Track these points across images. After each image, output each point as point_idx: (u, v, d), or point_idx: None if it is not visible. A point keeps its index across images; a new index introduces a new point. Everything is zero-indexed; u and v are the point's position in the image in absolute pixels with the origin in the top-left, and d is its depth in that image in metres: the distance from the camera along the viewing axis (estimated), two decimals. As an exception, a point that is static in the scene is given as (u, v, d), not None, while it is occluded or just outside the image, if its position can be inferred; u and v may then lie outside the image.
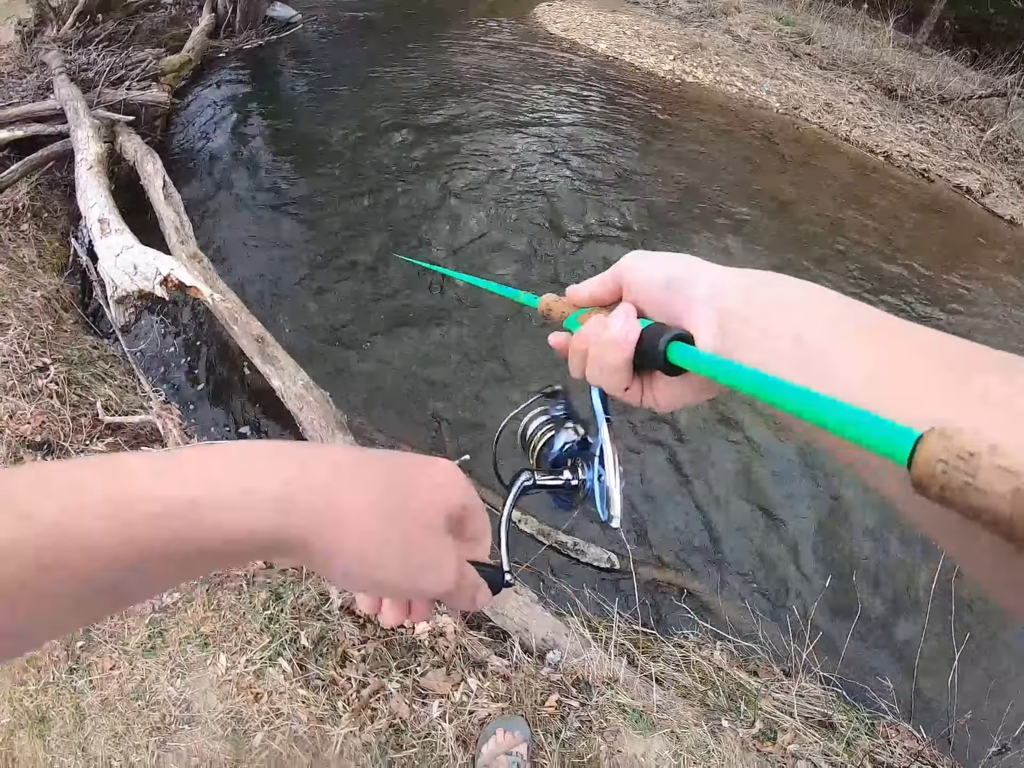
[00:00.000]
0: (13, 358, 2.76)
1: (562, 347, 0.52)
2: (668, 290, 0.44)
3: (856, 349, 0.33)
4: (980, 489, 0.21)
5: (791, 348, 0.35)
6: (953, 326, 4.67)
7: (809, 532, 3.06)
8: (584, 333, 0.48)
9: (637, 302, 0.46)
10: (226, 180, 4.82)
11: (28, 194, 4.01)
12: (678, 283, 0.43)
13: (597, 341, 0.46)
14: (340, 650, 1.98)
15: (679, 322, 0.43)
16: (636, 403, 0.48)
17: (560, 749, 1.88)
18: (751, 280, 0.41)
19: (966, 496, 0.21)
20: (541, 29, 8.76)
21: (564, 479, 0.62)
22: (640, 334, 0.43)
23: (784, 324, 0.37)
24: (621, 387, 0.46)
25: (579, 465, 0.62)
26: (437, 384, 3.41)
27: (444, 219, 4.61)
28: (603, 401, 0.56)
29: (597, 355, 0.46)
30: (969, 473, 0.21)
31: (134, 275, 2.80)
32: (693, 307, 0.42)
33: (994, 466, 0.20)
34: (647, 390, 0.47)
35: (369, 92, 6.20)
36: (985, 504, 0.21)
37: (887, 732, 2.26)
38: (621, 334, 0.43)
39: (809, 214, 5.65)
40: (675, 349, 0.40)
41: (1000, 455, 0.21)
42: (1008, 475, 0.20)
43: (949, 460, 0.22)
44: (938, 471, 0.22)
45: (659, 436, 3.31)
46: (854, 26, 10.80)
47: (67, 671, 1.94)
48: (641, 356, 0.43)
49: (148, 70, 5.34)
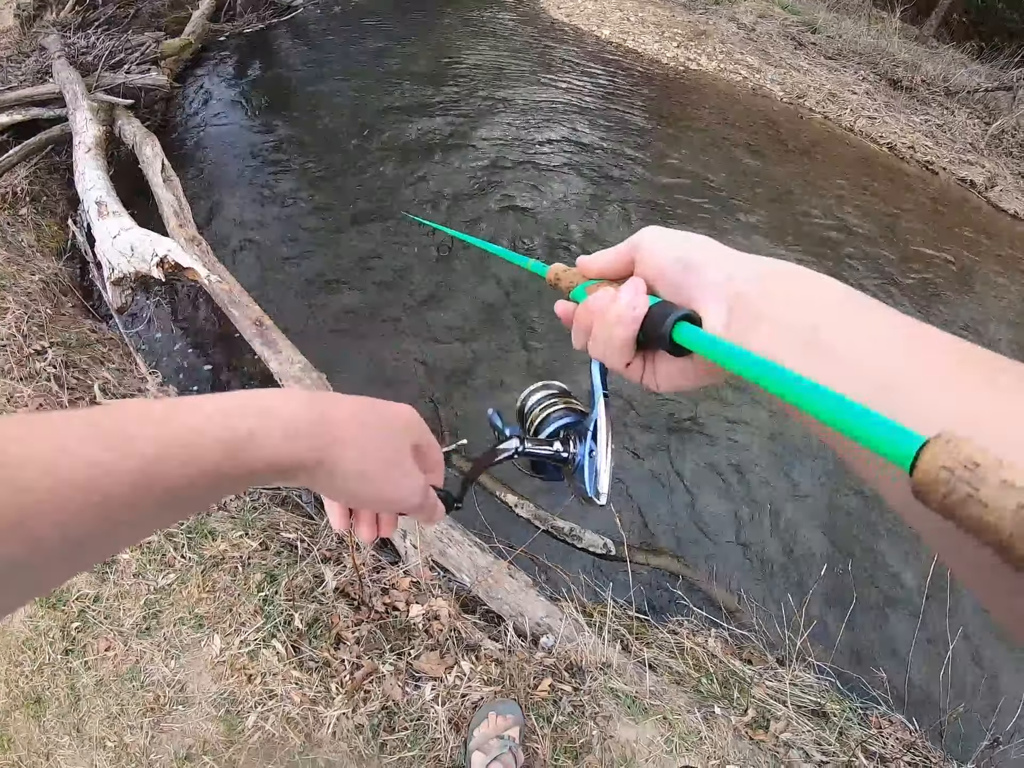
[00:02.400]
0: (11, 341, 2.75)
1: (567, 317, 0.51)
2: (681, 269, 0.43)
3: (871, 342, 0.33)
4: (982, 502, 0.20)
5: (803, 338, 0.35)
6: (953, 320, 4.66)
7: (806, 521, 3.06)
8: (591, 305, 0.47)
9: (648, 278, 0.45)
10: (226, 164, 4.80)
11: (27, 178, 3.99)
12: (692, 263, 0.42)
13: (603, 314, 0.45)
14: (334, 632, 1.98)
15: (689, 303, 0.42)
16: (636, 381, 0.47)
17: (552, 733, 1.88)
18: (766, 267, 0.40)
19: (967, 508, 0.20)
20: (544, 14, 8.69)
21: (554, 450, 0.62)
22: (647, 311, 0.42)
23: (797, 314, 0.36)
24: (623, 363, 0.46)
25: (571, 439, 0.62)
26: (435, 366, 3.41)
27: (443, 202, 4.60)
28: (602, 376, 0.56)
29: (601, 328, 0.45)
30: (973, 484, 0.20)
31: (131, 257, 2.79)
32: (704, 289, 0.41)
33: (1000, 479, 0.20)
34: (648, 369, 0.46)
35: (370, 75, 6.16)
36: (985, 518, 0.20)
37: (880, 723, 2.26)
38: (628, 309, 0.43)
39: (811, 203, 5.62)
40: (681, 330, 0.40)
41: (1007, 468, 0.20)
42: (1013, 490, 0.19)
43: (954, 468, 0.21)
44: (941, 479, 0.21)
45: (657, 421, 3.31)
46: (860, 16, 10.73)
47: (62, 652, 1.94)
48: (646, 333, 0.42)
49: (148, 53, 5.29)
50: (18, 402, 2.51)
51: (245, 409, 0.38)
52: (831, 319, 0.35)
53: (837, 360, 0.33)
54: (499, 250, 0.70)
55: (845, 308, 0.36)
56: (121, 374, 2.95)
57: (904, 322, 0.33)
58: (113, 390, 2.76)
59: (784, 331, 0.36)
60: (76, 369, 2.82)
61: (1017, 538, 0.19)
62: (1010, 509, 0.19)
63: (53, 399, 2.57)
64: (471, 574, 2.25)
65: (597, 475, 0.56)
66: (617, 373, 0.49)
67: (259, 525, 2.29)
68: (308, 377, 2.77)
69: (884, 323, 0.34)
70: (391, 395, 2.48)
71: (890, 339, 0.32)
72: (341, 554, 2.25)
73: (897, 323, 0.33)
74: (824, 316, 0.35)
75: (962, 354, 0.30)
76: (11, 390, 2.54)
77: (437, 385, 3.32)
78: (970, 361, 0.29)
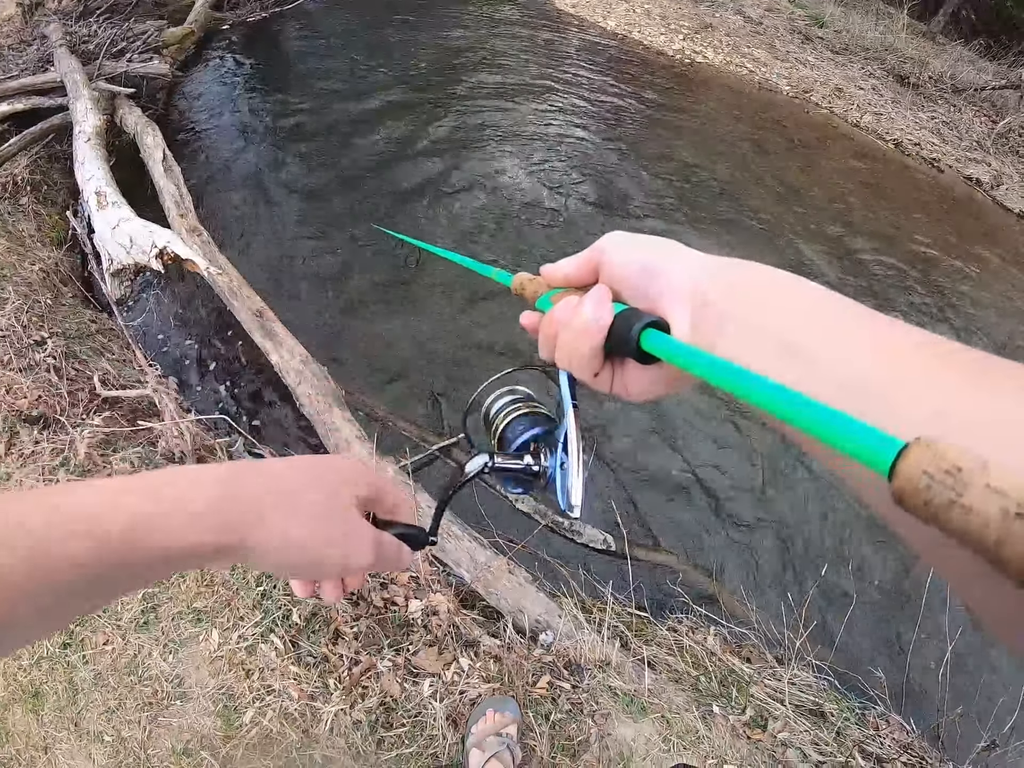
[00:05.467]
0: (11, 332, 2.74)
1: (533, 328, 0.50)
2: (645, 275, 0.42)
3: (844, 343, 0.32)
4: (966, 507, 0.19)
5: (773, 340, 0.34)
6: (956, 320, 4.63)
7: (807, 520, 3.05)
8: (555, 315, 0.46)
9: (613, 284, 0.44)
10: (228, 153, 4.78)
11: (28, 167, 3.97)
12: (655, 268, 0.41)
13: (567, 325, 0.44)
14: (332, 627, 1.97)
15: (655, 308, 0.41)
16: (606, 391, 0.46)
17: (550, 731, 1.88)
18: (731, 268, 0.39)
19: (950, 514, 0.19)
20: (549, 4, 8.64)
21: (524, 464, 0.60)
22: (613, 319, 0.41)
23: (765, 316, 0.35)
24: (591, 373, 0.44)
25: (542, 451, 0.61)
26: (437, 361, 3.40)
27: (444, 195, 4.57)
28: (571, 386, 0.54)
29: (567, 339, 0.44)
30: (955, 489, 0.19)
31: (130, 248, 2.77)
32: (669, 293, 0.40)
33: (983, 484, 0.19)
34: (618, 377, 0.45)
35: (373, 66, 6.12)
36: (970, 525, 0.19)
37: (877, 723, 2.26)
38: (592, 319, 0.41)
39: (816, 199, 5.59)
40: (648, 337, 0.39)
41: (992, 472, 0.19)
42: (997, 495, 0.18)
43: (935, 473, 0.20)
44: (922, 485, 0.20)
45: (653, 418, 3.30)
46: (868, 11, 10.65)
47: (61, 646, 1.94)
48: (613, 342, 0.41)
49: (150, 42, 5.26)
50: (17, 393, 2.50)
51: (144, 492, 0.37)
52: (802, 320, 0.34)
53: (810, 361, 0.32)
54: (464, 260, 0.69)
55: (818, 309, 0.35)
56: (121, 365, 2.94)
57: (881, 322, 0.32)
58: (113, 381, 2.75)
59: (752, 333, 0.35)
60: (76, 360, 2.81)
61: (1003, 543, 0.18)
62: (995, 514, 0.18)
63: (52, 391, 2.56)
64: (470, 569, 2.24)
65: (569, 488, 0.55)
66: (585, 384, 0.47)
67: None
68: (309, 369, 2.75)
69: (857, 323, 0.33)
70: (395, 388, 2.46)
71: (864, 339, 0.31)
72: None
73: (872, 324, 0.32)
74: (795, 318, 0.34)
75: (943, 354, 0.28)
76: (10, 381, 2.52)
77: (438, 378, 3.30)
78: (953, 361, 0.28)
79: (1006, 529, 0.18)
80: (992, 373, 0.26)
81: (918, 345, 0.30)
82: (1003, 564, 0.18)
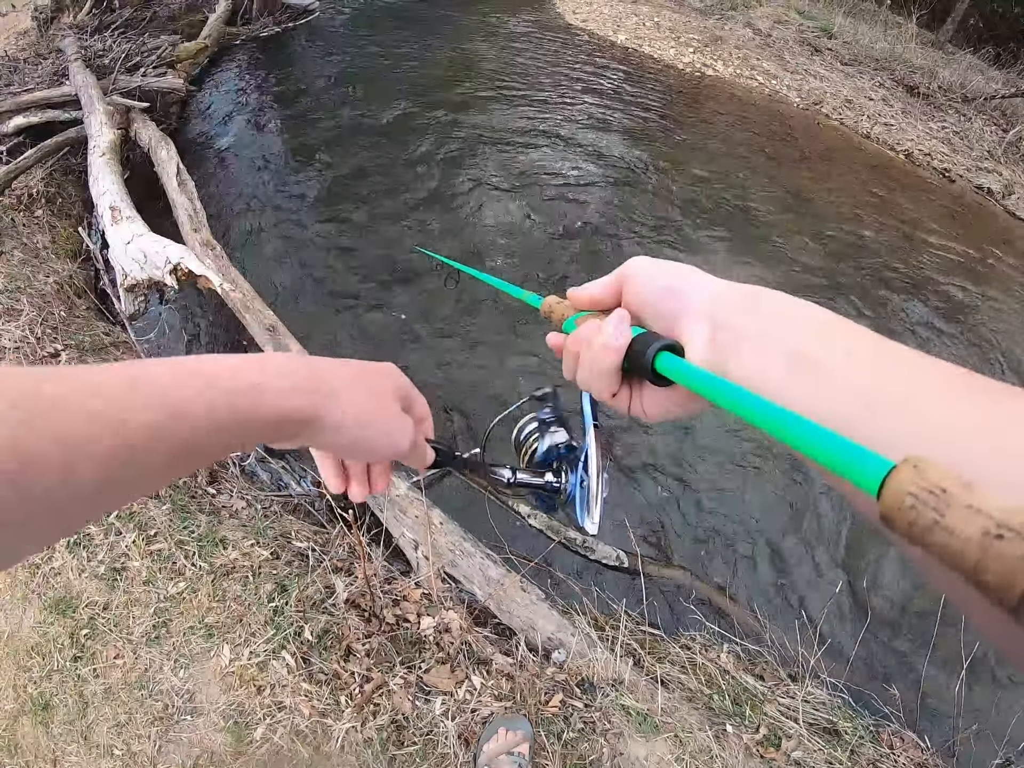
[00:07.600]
0: (25, 344, 2.76)
1: (558, 348, 0.53)
2: (665, 299, 0.44)
3: (857, 359, 0.33)
4: (948, 528, 0.19)
5: (788, 356, 0.35)
6: (969, 334, 4.60)
7: (821, 537, 3.02)
8: (578, 336, 0.49)
9: (634, 307, 0.47)
10: (241, 168, 4.82)
11: (43, 180, 4.02)
12: (676, 292, 0.44)
13: (589, 345, 0.46)
14: (344, 644, 1.97)
15: (674, 327, 0.43)
16: (624, 411, 0.48)
17: (562, 750, 1.86)
18: (748, 295, 0.41)
19: (933, 535, 0.19)
20: (560, 19, 8.69)
21: (545, 480, 0.63)
22: (631, 341, 0.43)
23: (781, 333, 0.37)
24: (608, 392, 0.47)
25: (564, 468, 0.63)
26: (454, 380, 3.39)
27: (461, 209, 4.59)
28: (592, 407, 0.58)
29: (588, 359, 0.47)
30: (939, 510, 0.19)
31: (144, 263, 2.79)
32: (687, 318, 0.42)
33: (964, 505, 0.19)
34: (635, 398, 0.47)
35: (386, 81, 6.17)
36: (951, 545, 0.19)
37: (891, 740, 2.23)
38: (611, 339, 0.44)
39: (827, 211, 5.58)
40: (663, 359, 0.40)
41: (974, 493, 0.19)
42: (979, 516, 0.18)
43: (919, 494, 0.20)
44: (906, 505, 0.20)
45: (670, 437, 3.28)
46: (876, 22, 10.68)
47: (71, 659, 1.94)
48: (630, 364, 0.43)
49: (164, 57, 5.32)
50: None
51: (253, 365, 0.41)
52: (816, 338, 0.35)
53: (824, 377, 0.33)
54: (498, 282, 0.72)
55: (829, 328, 0.36)
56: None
57: (891, 345, 0.34)
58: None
59: (768, 348, 0.37)
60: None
61: (983, 565, 0.18)
62: (975, 535, 0.18)
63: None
64: (483, 586, 2.23)
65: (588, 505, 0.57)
66: (604, 404, 0.50)
67: (270, 534, 2.28)
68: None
69: (869, 342, 0.34)
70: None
71: (876, 356, 0.33)
72: (352, 564, 2.24)
73: (883, 345, 0.34)
74: (809, 336, 0.36)
75: (955, 375, 0.29)
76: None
77: (454, 397, 3.29)
78: (962, 380, 0.29)
79: (985, 550, 0.18)
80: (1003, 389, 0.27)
81: (935, 366, 0.31)
82: (983, 585, 0.18)
